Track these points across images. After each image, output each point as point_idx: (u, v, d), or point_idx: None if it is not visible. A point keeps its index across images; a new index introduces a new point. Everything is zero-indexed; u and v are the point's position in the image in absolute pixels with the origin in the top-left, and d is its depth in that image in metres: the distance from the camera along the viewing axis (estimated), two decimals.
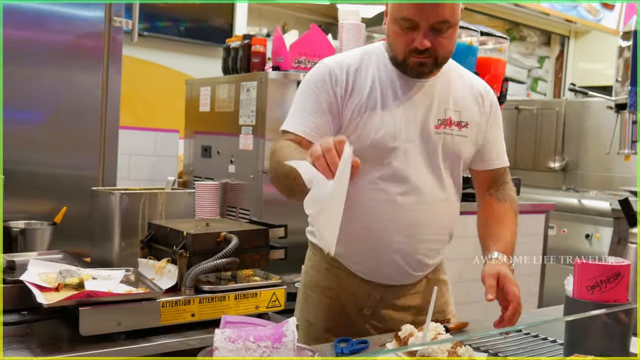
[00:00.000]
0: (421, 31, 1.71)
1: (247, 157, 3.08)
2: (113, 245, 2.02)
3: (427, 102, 1.88)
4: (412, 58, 1.76)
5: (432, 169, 1.90)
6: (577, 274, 1.58)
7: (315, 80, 1.85)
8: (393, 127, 1.84)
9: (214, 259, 1.72)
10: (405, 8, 1.70)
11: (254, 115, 3.03)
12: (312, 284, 2.04)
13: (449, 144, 1.91)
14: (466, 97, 1.95)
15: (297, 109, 1.86)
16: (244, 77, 3.15)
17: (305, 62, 3.11)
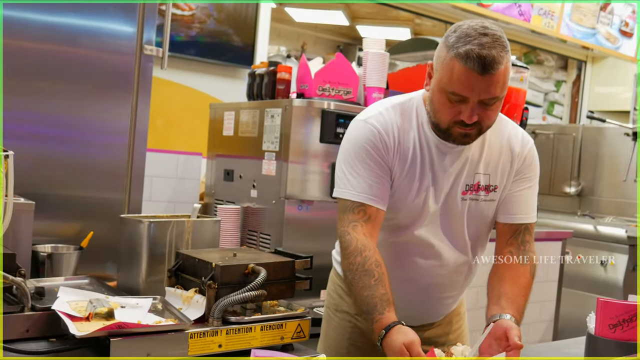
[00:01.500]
0: (469, 105, 1.70)
1: (269, 182, 3.10)
2: (140, 272, 2.03)
3: (459, 167, 1.88)
4: (456, 129, 1.76)
5: (455, 233, 1.93)
6: (600, 312, 1.58)
7: (368, 145, 1.84)
8: (425, 195, 1.87)
9: (243, 291, 1.73)
10: (458, 83, 1.68)
11: (277, 142, 3.05)
12: (333, 307, 2.12)
13: (474, 210, 1.92)
14: (499, 157, 1.92)
15: (356, 175, 1.84)
16: (268, 104, 3.17)
17: (329, 89, 3.13)
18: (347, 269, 1.79)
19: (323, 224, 3.16)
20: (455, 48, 1.67)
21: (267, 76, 3.26)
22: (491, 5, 5.29)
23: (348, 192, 1.84)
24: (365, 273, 1.73)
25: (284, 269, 1.89)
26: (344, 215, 1.84)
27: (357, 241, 1.78)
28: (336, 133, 3.05)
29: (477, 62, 1.64)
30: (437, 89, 1.74)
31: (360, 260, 1.75)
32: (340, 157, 1.90)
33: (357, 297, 1.74)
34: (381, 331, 1.65)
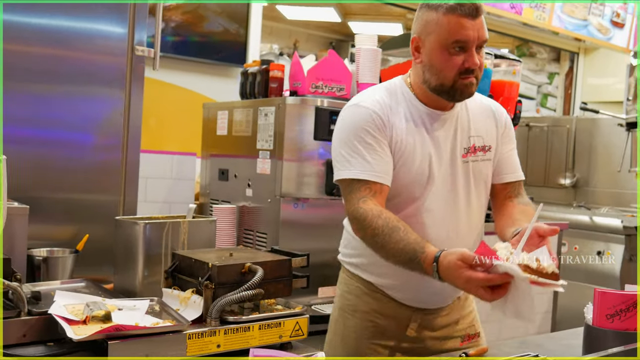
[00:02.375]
0: (470, 52, 1.83)
1: (264, 181, 3.09)
2: (136, 274, 2.02)
3: (452, 133, 1.98)
4: (461, 80, 1.85)
5: (462, 197, 1.99)
6: (597, 302, 1.60)
7: (367, 126, 1.89)
8: (427, 164, 1.93)
9: (240, 290, 1.72)
10: (457, 32, 1.81)
11: (271, 140, 3.04)
12: (350, 308, 2.10)
13: (477, 170, 2.01)
14: (484, 120, 2.05)
15: (356, 156, 1.88)
16: (261, 102, 3.17)
17: (322, 87, 3.13)
18: (372, 235, 1.80)
19: (319, 221, 3.16)
20: (442, 6, 1.82)
21: (260, 75, 3.25)
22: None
23: (349, 172, 1.88)
24: (392, 230, 1.75)
25: (281, 267, 1.89)
26: (350, 195, 1.88)
27: (371, 210, 1.80)
28: (330, 130, 3.03)
29: (467, 8, 1.81)
30: (437, 48, 1.85)
31: (381, 222, 1.77)
32: (337, 143, 1.94)
33: (395, 254, 1.75)
34: (432, 266, 1.66)
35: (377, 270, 2.02)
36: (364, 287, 2.07)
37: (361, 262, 2.08)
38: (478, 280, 1.56)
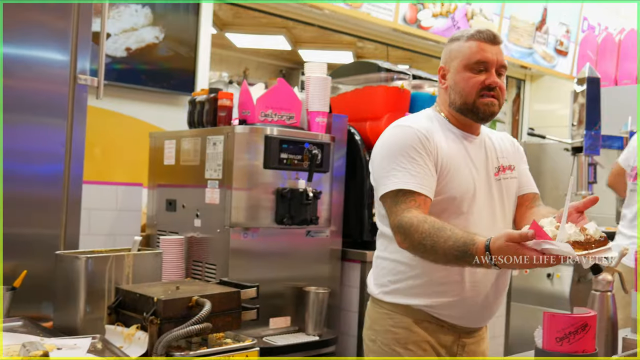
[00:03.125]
0: (491, 72, 2.04)
1: (213, 211, 3.04)
2: (78, 310, 1.96)
3: (483, 155, 2.13)
4: (482, 99, 2.03)
5: (498, 212, 2.11)
6: (546, 326, 1.59)
7: (413, 143, 1.99)
8: (472, 179, 2.04)
9: (187, 325, 1.68)
10: (478, 53, 2.03)
11: (220, 169, 3.00)
12: (402, 341, 2.09)
13: (507, 187, 2.16)
14: (505, 144, 2.23)
15: (401, 169, 1.95)
16: (210, 131, 3.12)
17: (272, 115, 3.10)
18: (421, 239, 1.81)
19: (270, 251, 3.12)
20: (465, 35, 2.07)
21: (208, 103, 3.20)
22: (431, 28, 5.37)
23: (394, 184, 1.94)
24: (440, 230, 1.79)
25: (230, 299, 1.87)
26: (394, 208, 1.92)
27: (416, 217, 1.85)
28: (280, 158, 3.02)
29: (487, 35, 2.04)
30: (460, 70, 2.05)
31: (428, 226, 1.81)
32: (380, 161, 2.02)
33: (446, 252, 1.76)
34: (485, 255, 1.69)
35: (431, 289, 2.04)
36: (410, 317, 2.07)
37: (411, 285, 2.07)
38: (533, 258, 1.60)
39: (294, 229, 3.16)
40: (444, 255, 1.78)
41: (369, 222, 3.49)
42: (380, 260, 2.16)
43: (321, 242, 3.34)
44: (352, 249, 3.49)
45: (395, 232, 1.91)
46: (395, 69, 3.64)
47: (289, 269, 3.21)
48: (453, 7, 5.49)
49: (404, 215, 1.87)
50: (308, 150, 3.09)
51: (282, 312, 3.19)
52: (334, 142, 3.32)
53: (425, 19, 5.29)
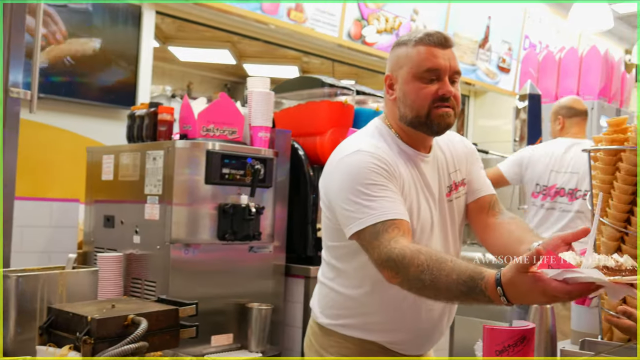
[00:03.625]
0: (444, 80, 1.85)
1: (153, 227, 2.98)
2: (8, 331, 1.90)
3: (436, 176, 1.97)
4: (436, 110, 1.85)
5: (450, 235, 1.99)
6: (486, 339, 1.60)
7: (376, 169, 1.80)
8: (424, 216, 1.90)
9: (122, 344, 1.63)
10: (428, 60, 1.84)
11: (160, 185, 2.95)
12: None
13: (460, 206, 2.02)
14: (455, 149, 2.07)
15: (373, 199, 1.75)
16: (150, 146, 3.07)
17: (214, 130, 3.07)
18: (418, 273, 1.60)
19: (212, 267, 3.08)
20: (412, 39, 1.87)
21: (148, 117, 3.15)
22: (375, 44, 5.42)
23: (371, 217, 1.73)
24: (439, 262, 1.58)
25: (167, 317, 1.83)
26: (377, 241, 1.71)
27: (407, 247, 1.65)
28: (222, 174, 2.99)
29: (437, 39, 1.85)
30: (409, 80, 1.86)
31: (424, 257, 1.60)
32: (343, 195, 1.80)
33: (449, 287, 1.55)
34: (497, 290, 1.47)
35: (387, 326, 1.94)
36: (364, 347, 1.95)
37: (364, 322, 1.95)
38: (556, 290, 1.38)
39: (236, 245, 3.13)
40: (447, 291, 1.57)
41: (313, 237, 3.48)
42: (327, 290, 2.01)
43: (264, 258, 3.31)
44: (296, 264, 3.47)
45: (383, 267, 1.69)
46: (339, 84, 3.66)
47: (232, 285, 3.17)
48: (397, 23, 5.57)
49: (392, 248, 1.66)
50: (251, 165, 3.07)
51: (224, 330, 3.15)
52: (277, 157, 3.31)
53: (370, 35, 5.35)
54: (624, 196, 1.82)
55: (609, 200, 1.86)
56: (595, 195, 1.92)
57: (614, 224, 1.84)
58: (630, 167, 1.80)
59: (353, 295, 1.93)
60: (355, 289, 1.91)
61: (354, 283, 1.94)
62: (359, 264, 1.87)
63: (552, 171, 3.75)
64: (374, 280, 1.85)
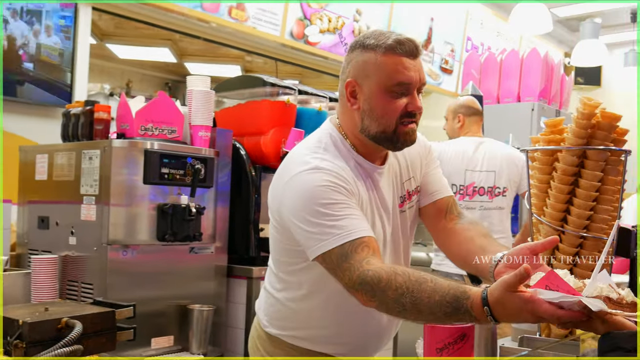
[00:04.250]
0: (413, 94, 1.74)
1: (89, 228, 2.90)
2: None
3: (391, 186, 1.89)
4: (403, 127, 1.75)
5: (402, 245, 1.93)
6: (427, 337, 1.62)
7: (331, 189, 1.68)
8: (381, 226, 1.83)
9: (55, 348, 1.59)
10: (399, 72, 1.71)
11: (97, 185, 2.87)
12: None
13: (412, 214, 1.95)
14: (411, 153, 1.95)
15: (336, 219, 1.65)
16: (85, 145, 2.98)
17: (152, 129, 3.01)
18: (397, 296, 1.52)
19: (152, 269, 3.02)
20: (381, 46, 1.71)
21: (84, 116, 3.06)
22: (318, 44, 5.43)
23: (337, 238, 1.63)
24: (419, 283, 1.51)
25: (103, 320, 1.81)
26: (347, 263, 1.61)
27: (382, 269, 1.56)
28: (161, 173, 2.93)
29: (409, 49, 1.72)
30: (378, 93, 1.73)
31: (402, 279, 1.53)
32: (301, 215, 1.68)
33: (433, 310, 1.48)
34: (483, 310, 1.42)
35: (338, 340, 1.89)
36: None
37: (314, 335, 1.90)
38: (547, 313, 1.34)
39: (176, 246, 3.07)
40: (429, 313, 1.50)
41: (256, 238, 3.45)
42: (274, 300, 1.94)
43: (205, 259, 3.26)
44: (239, 265, 3.44)
45: (356, 290, 1.60)
46: (281, 83, 3.63)
47: (172, 287, 3.12)
48: (340, 23, 5.58)
49: (365, 270, 1.57)
50: (191, 165, 3.02)
51: (165, 332, 3.09)
52: (218, 157, 3.27)
53: (313, 34, 5.35)
54: (561, 195, 1.86)
55: (546, 199, 1.90)
56: (533, 194, 1.96)
57: (551, 222, 1.87)
58: (567, 167, 1.84)
59: (302, 309, 1.87)
60: (305, 303, 1.86)
61: (304, 297, 1.88)
62: (310, 279, 1.83)
63: (466, 170, 3.80)
64: (325, 295, 1.82)
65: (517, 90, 5.51)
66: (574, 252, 1.86)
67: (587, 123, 1.81)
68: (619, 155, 1.85)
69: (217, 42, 5.30)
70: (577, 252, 1.86)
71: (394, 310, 1.56)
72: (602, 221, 1.84)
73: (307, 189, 1.69)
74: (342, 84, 1.80)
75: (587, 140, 1.82)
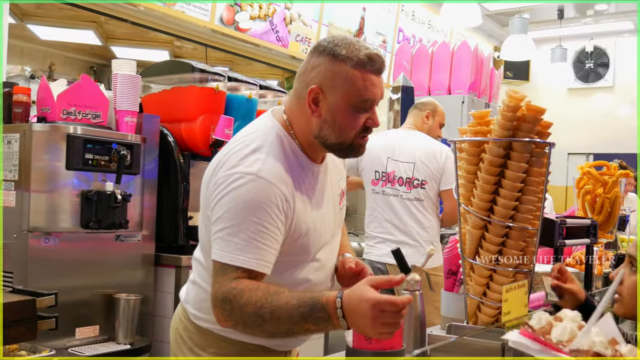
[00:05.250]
0: (373, 110, 1.75)
1: (9, 215, 2.81)
2: None
3: (329, 184, 1.90)
4: (359, 140, 1.77)
5: (336, 242, 1.96)
6: None
7: (269, 207, 1.66)
8: (323, 225, 1.84)
9: None
10: (367, 90, 1.71)
11: (16, 170, 2.78)
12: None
13: (343, 212, 1.99)
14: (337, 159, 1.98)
15: (246, 239, 1.64)
16: (4, 129, 2.88)
17: (75, 113, 2.92)
18: (256, 309, 1.56)
19: (75, 257, 2.96)
20: (351, 59, 1.69)
21: (2, 98, 2.95)
22: (249, 30, 5.37)
23: (235, 257, 1.63)
24: (277, 293, 1.57)
25: (23, 309, 1.73)
26: (223, 277, 1.63)
27: (247, 286, 1.59)
28: (85, 159, 2.86)
29: (379, 66, 1.72)
30: (344, 107, 1.72)
31: (261, 293, 1.57)
32: (227, 216, 1.66)
33: (290, 314, 1.53)
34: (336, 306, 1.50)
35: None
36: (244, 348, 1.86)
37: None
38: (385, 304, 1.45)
39: (101, 234, 3.01)
40: (288, 318, 1.54)
41: (184, 226, 3.41)
42: (206, 294, 1.82)
43: (132, 247, 3.21)
44: (167, 253, 3.39)
45: (219, 306, 1.63)
46: (210, 69, 3.58)
47: (97, 276, 3.06)
48: (271, 10, 5.54)
49: (232, 287, 1.60)
50: (116, 151, 2.95)
51: (90, 321, 3.03)
52: (145, 143, 3.20)
53: (243, 21, 5.29)
54: (487, 186, 1.89)
55: (474, 189, 1.93)
56: (460, 185, 1.99)
57: (478, 212, 1.90)
58: (493, 158, 1.87)
59: None
60: None
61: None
62: None
63: (389, 158, 3.86)
64: None
65: (447, 82, 5.59)
66: (500, 242, 1.89)
67: (512, 115, 1.85)
68: (544, 148, 1.89)
69: (144, 26, 5.18)
70: (502, 241, 1.90)
71: (253, 325, 1.60)
72: (527, 211, 1.88)
73: (244, 198, 1.67)
74: (303, 86, 1.76)
75: (513, 132, 1.86)
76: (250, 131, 1.83)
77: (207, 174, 1.80)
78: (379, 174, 3.80)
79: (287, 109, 1.83)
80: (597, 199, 2.83)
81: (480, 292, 1.95)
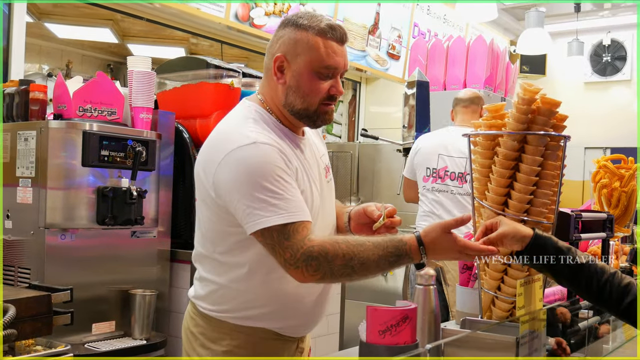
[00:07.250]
0: (337, 79, 1.84)
1: (26, 211, 2.84)
2: None
3: (314, 157, 1.96)
4: (323, 107, 1.84)
5: (329, 218, 2.00)
6: (369, 319, 1.63)
7: (278, 163, 1.74)
8: (318, 191, 1.90)
9: None
10: (329, 56, 1.80)
11: (33, 167, 2.80)
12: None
13: (331, 187, 2.04)
14: (318, 138, 2.07)
15: (280, 197, 1.70)
16: (21, 126, 2.91)
17: (91, 110, 2.94)
18: (345, 261, 1.68)
19: (91, 253, 2.97)
20: (314, 27, 1.80)
21: (19, 96, 2.97)
22: (264, 26, 5.37)
23: (280, 217, 1.69)
24: (360, 244, 1.70)
25: (39, 304, 1.76)
26: (288, 241, 1.69)
27: (325, 242, 1.70)
28: (101, 156, 2.88)
29: (340, 35, 1.82)
30: (307, 72, 1.81)
31: (345, 246, 1.69)
32: (245, 189, 1.71)
33: (379, 261, 1.70)
34: (419, 249, 1.70)
35: (282, 314, 1.89)
36: (258, 336, 1.89)
37: (261, 313, 1.88)
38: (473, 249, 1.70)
39: (117, 230, 3.02)
40: (376, 267, 1.70)
41: None
42: (216, 286, 1.90)
43: (148, 243, 3.22)
44: (182, 249, 3.40)
45: (302, 266, 1.68)
46: (225, 66, 3.58)
47: (113, 272, 3.07)
48: (286, 6, 5.53)
49: (310, 247, 1.67)
50: (132, 147, 2.97)
51: (106, 317, 3.05)
52: (161, 140, 3.21)
53: (258, 17, 5.29)
54: (502, 180, 1.88)
55: (488, 183, 1.92)
56: (475, 179, 1.98)
57: (492, 206, 1.89)
58: (508, 151, 1.86)
59: (247, 289, 1.86)
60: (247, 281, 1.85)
61: (244, 276, 1.86)
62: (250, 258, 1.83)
63: (440, 155, 3.87)
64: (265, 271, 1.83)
65: (463, 77, 5.55)
66: None
67: (527, 108, 1.83)
68: (559, 141, 1.88)
69: (160, 23, 5.19)
70: None
71: (342, 276, 1.71)
72: (542, 205, 1.87)
73: (252, 164, 1.72)
74: (269, 57, 1.86)
75: (528, 125, 1.85)
76: (230, 116, 1.92)
77: (203, 159, 1.84)
78: (430, 171, 3.85)
79: (260, 90, 1.93)
80: (614, 192, 2.80)
81: (494, 286, 1.95)
